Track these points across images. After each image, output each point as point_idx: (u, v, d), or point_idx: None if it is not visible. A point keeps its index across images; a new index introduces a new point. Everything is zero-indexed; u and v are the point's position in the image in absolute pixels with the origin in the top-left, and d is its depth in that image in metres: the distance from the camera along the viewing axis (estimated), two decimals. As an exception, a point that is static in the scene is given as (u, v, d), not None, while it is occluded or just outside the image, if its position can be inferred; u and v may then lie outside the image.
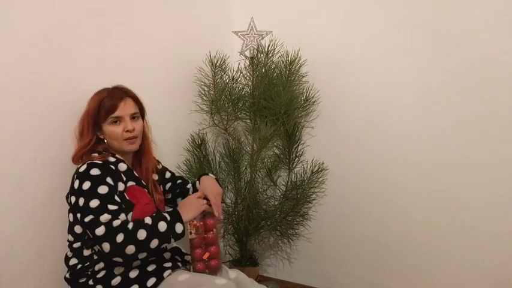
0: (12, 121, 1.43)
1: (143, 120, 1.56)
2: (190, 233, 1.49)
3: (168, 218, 1.39)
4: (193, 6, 2.18)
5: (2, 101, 1.40)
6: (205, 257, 1.50)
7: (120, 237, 1.29)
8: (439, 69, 1.90)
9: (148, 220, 1.36)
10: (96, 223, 1.29)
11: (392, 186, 2.07)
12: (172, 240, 1.39)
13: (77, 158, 1.47)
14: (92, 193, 1.33)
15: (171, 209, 1.46)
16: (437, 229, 1.98)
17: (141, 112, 1.55)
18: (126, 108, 1.47)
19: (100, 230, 1.29)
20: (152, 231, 1.34)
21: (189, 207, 1.48)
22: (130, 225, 1.32)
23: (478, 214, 1.88)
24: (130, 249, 1.30)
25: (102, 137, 1.48)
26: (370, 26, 2.06)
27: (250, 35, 2.08)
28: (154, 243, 1.34)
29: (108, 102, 1.45)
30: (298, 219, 2.27)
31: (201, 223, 1.51)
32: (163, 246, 1.48)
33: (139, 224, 1.34)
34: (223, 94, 2.09)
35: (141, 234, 1.31)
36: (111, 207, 1.33)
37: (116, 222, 1.30)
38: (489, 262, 1.87)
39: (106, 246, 1.29)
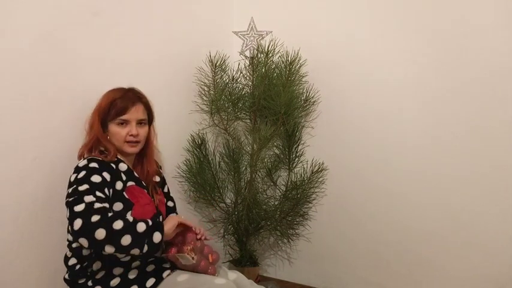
0: (12, 121, 1.43)
1: (150, 126, 1.58)
2: (193, 258, 1.43)
3: (150, 223, 1.32)
4: (194, 7, 2.18)
5: (2, 100, 1.40)
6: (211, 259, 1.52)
7: (95, 218, 1.22)
8: (439, 69, 1.91)
9: (129, 217, 1.33)
10: (78, 201, 1.25)
11: (392, 186, 2.07)
12: (146, 247, 1.28)
13: (82, 154, 1.48)
14: (84, 179, 1.33)
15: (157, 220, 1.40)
16: (437, 229, 1.97)
17: (149, 118, 1.57)
18: (135, 113, 1.49)
19: (79, 207, 1.24)
20: (129, 227, 1.26)
21: (169, 221, 1.42)
22: (110, 213, 1.28)
23: (478, 215, 1.88)
24: (100, 233, 1.21)
25: (107, 133, 1.49)
26: (370, 27, 2.06)
27: (250, 35, 2.08)
28: (126, 239, 1.24)
29: (120, 103, 1.47)
30: (298, 219, 2.27)
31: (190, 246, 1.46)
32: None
33: (119, 215, 1.30)
34: (223, 94, 2.09)
35: (117, 224, 1.25)
36: (98, 193, 1.31)
37: (98, 205, 1.26)
38: (489, 263, 1.87)
39: (78, 223, 1.21)
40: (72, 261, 1.43)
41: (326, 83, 2.17)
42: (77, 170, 1.38)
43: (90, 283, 1.39)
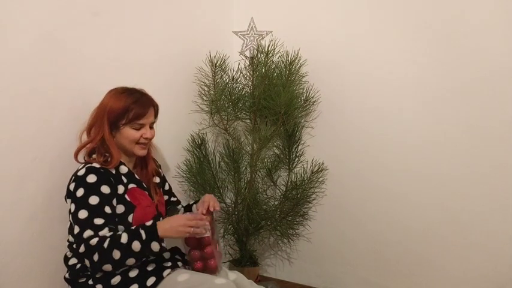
0: (12, 121, 1.43)
1: None
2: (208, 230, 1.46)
3: (144, 236, 1.34)
4: (194, 6, 2.18)
5: (2, 100, 1.40)
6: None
7: (96, 257, 1.31)
8: (439, 69, 1.91)
9: (124, 239, 1.33)
10: (80, 240, 1.33)
11: (392, 186, 2.07)
12: (149, 256, 1.41)
13: (78, 153, 1.48)
14: (82, 202, 1.35)
15: (150, 223, 1.39)
16: (437, 229, 1.98)
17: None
18: (150, 116, 1.52)
19: (81, 249, 1.32)
20: (126, 251, 1.32)
21: (173, 226, 1.39)
22: (106, 244, 1.31)
23: (478, 215, 1.88)
24: (107, 267, 1.33)
25: (113, 135, 1.49)
26: (370, 27, 2.06)
27: (250, 35, 2.08)
28: (130, 261, 1.34)
29: (139, 108, 1.47)
30: (298, 219, 2.27)
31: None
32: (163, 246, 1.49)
33: (114, 242, 1.32)
34: (223, 94, 2.09)
35: (116, 254, 1.31)
36: (97, 221, 1.34)
37: (94, 241, 1.31)
38: (489, 263, 1.87)
39: (87, 263, 1.34)
40: (73, 261, 1.44)
41: (326, 82, 2.17)
42: (76, 180, 1.39)
43: (90, 282, 1.39)
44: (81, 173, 1.39)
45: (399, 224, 2.07)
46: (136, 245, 1.33)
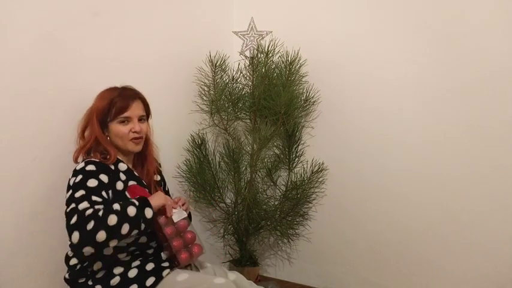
0: (12, 121, 1.44)
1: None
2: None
3: (137, 203, 1.34)
4: (194, 6, 2.19)
5: (2, 100, 1.40)
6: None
7: (90, 225, 1.23)
8: (439, 69, 1.91)
9: (117, 206, 1.30)
10: (73, 212, 1.26)
11: (392, 186, 2.07)
12: (142, 225, 1.33)
13: (78, 156, 1.48)
14: (80, 185, 1.33)
15: (138, 197, 1.40)
16: (437, 229, 1.97)
17: (146, 115, 1.58)
18: (135, 109, 1.49)
19: (74, 219, 1.25)
20: (122, 216, 1.28)
21: (157, 197, 1.42)
22: (101, 212, 1.27)
23: (478, 215, 1.88)
24: (101, 235, 1.24)
25: (106, 134, 1.49)
26: (370, 27, 2.06)
27: (250, 35, 2.08)
28: (125, 228, 1.28)
29: (120, 102, 1.46)
30: (298, 219, 2.27)
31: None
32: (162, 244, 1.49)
33: (109, 210, 1.28)
34: (223, 94, 2.09)
35: (112, 219, 1.26)
36: (94, 198, 1.32)
37: (89, 211, 1.26)
38: (489, 263, 1.87)
39: (75, 236, 1.23)
40: (74, 261, 1.43)
41: (326, 82, 2.17)
42: (75, 173, 1.38)
43: (90, 282, 1.39)
44: (79, 166, 1.39)
45: (399, 224, 2.07)
46: (131, 210, 1.30)
